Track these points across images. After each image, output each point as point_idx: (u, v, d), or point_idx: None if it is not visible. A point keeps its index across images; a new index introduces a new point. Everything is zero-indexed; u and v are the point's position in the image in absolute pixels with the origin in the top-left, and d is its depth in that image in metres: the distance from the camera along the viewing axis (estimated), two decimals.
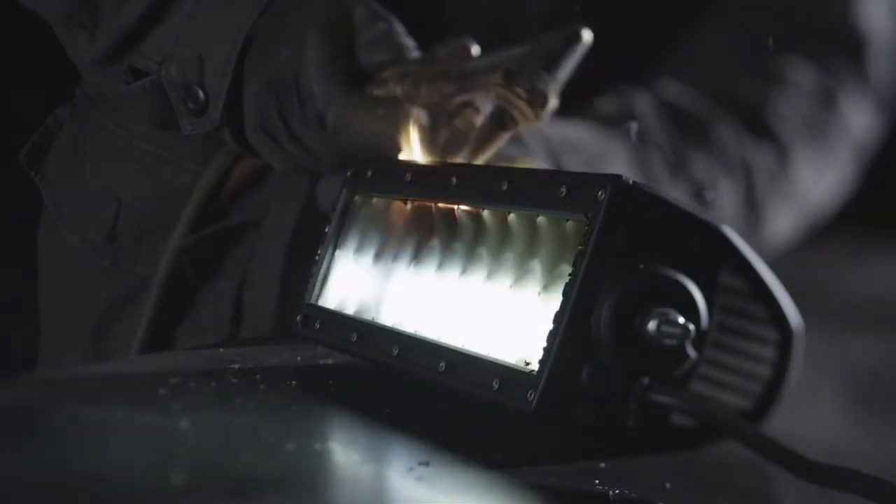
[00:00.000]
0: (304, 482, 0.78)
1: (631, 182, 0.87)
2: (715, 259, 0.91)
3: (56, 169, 1.40)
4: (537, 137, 1.23)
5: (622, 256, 0.87)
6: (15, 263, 1.48)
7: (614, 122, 1.36)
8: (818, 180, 1.47)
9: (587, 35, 1.09)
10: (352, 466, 0.84)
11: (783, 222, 1.45)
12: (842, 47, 1.48)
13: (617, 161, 1.32)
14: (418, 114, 1.06)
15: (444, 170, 1.03)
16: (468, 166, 1.05)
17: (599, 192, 0.87)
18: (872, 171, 1.54)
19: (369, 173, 1.08)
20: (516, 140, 1.16)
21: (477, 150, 1.07)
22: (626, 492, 0.82)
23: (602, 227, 0.86)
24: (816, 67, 1.46)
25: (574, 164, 1.25)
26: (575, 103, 1.23)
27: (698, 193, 1.37)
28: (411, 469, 0.81)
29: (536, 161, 1.18)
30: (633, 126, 1.32)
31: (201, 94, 1.16)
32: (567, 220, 0.91)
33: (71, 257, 1.38)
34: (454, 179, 1.00)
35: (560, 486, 0.82)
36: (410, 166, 1.05)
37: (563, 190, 0.90)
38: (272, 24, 1.14)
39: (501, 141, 1.08)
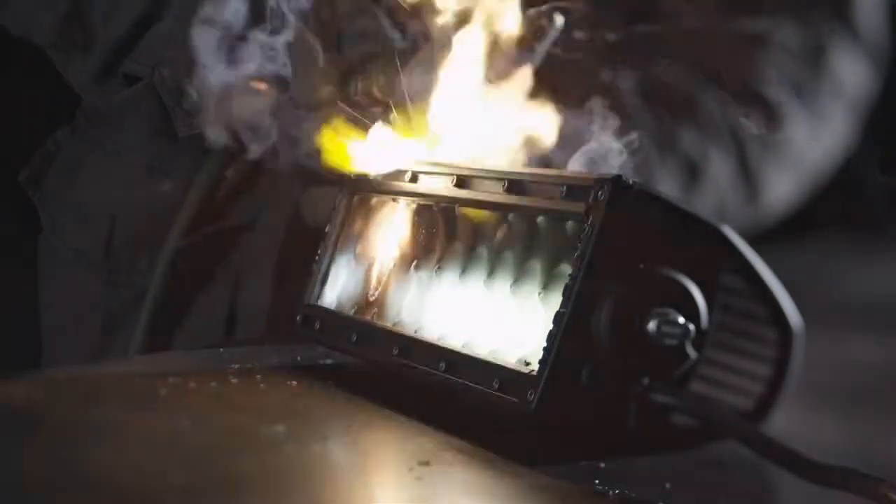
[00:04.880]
0: (304, 482, 0.79)
1: (631, 182, 0.87)
2: (715, 259, 0.91)
3: (53, 188, 1.41)
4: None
5: (622, 256, 0.87)
6: (18, 274, 1.49)
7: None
8: (814, 141, 1.45)
9: (559, 19, 1.10)
10: (352, 466, 0.84)
11: (781, 187, 1.44)
12: (827, 2, 1.46)
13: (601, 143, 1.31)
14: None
15: (444, 169, 1.03)
16: (469, 166, 1.05)
17: (599, 192, 0.87)
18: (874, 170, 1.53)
19: (370, 173, 1.08)
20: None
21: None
22: (626, 492, 0.82)
23: (602, 227, 0.86)
24: (802, 26, 1.44)
25: (556, 149, 1.25)
26: (558, 81, 1.23)
27: (689, 167, 1.36)
28: (411, 469, 0.81)
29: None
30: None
31: (194, 93, 1.17)
32: (567, 220, 0.91)
33: (69, 272, 1.39)
34: (454, 178, 1.00)
35: (560, 486, 0.82)
36: (411, 166, 1.05)
37: (563, 190, 0.90)
38: None
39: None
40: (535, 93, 1.10)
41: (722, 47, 1.43)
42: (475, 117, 1.08)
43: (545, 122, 1.11)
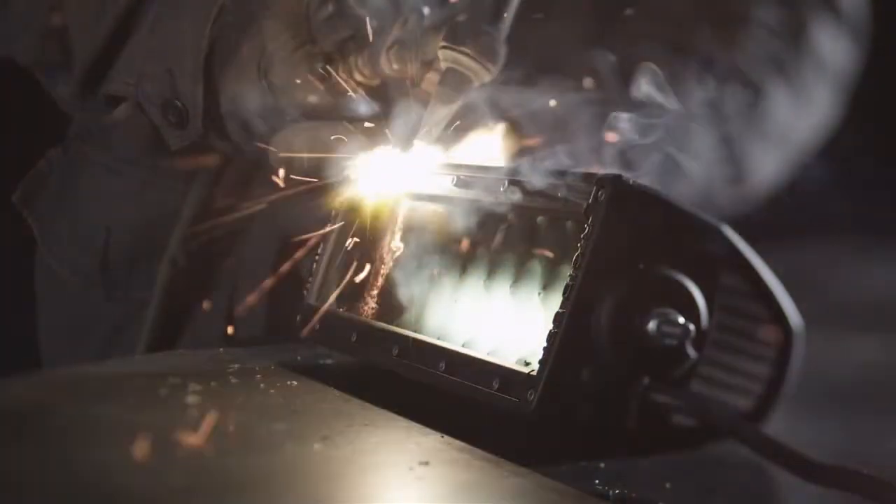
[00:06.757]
0: (304, 481, 0.79)
1: (631, 182, 0.87)
2: (715, 259, 0.90)
3: (47, 207, 1.41)
4: (493, 104, 1.22)
5: (622, 256, 0.87)
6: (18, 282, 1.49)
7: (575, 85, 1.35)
8: (798, 117, 1.44)
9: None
10: (352, 466, 0.84)
11: (766, 163, 1.43)
12: None
13: (580, 125, 1.31)
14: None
15: (444, 169, 1.03)
16: (468, 166, 1.05)
17: (599, 192, 0.87)
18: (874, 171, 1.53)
19: (370, 173, 1.08)
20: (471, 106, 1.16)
21: (440, 113, 1.07)
22: (626, 492, 0.82)
23: (602, 227, 0.86)
24: (783, 2, 1.44)
25: (534, 130, 1.24)
26: (537, 65, 1.22)
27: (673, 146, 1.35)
28: (411, 469, 0.81)
29: (494, 128, 1.17)
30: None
31: (179, 105, 1.17)
32: (567, 220, 0.91)
33: (67, 291, 1.39)
34: (454, 179, 1.00)
35: (560, 486, 0.82)
36: (413, 166, 1.05)
37: (563, 190, 0.90)
38: (230, 24, 1.16)
39: (458, 102, 1.08)
40: (518, 78, 1.10)
41: (703, 25, 1.42)
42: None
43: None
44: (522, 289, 0.93)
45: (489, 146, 1.11)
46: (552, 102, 1.22)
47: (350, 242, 1.08)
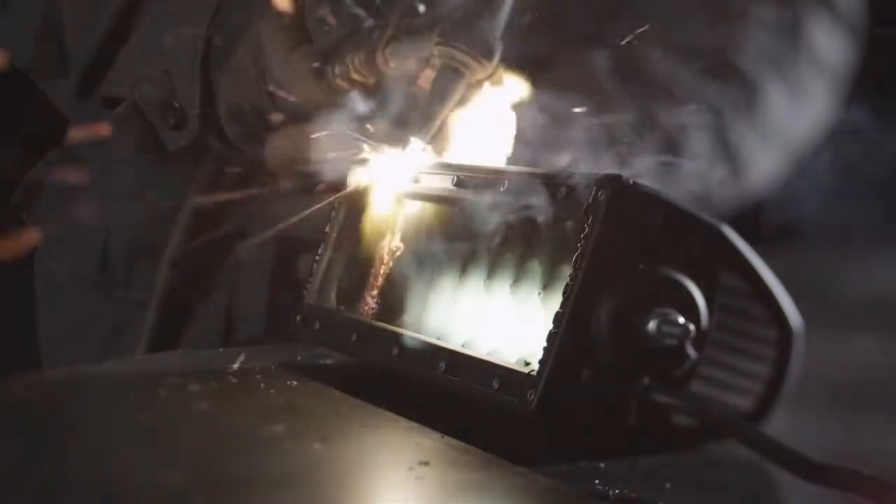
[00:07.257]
0: (304, 481, 0.78)
1: (631, 182, 0.87)
2: (715, 259, 0.90)
3: (46, 208, 1.41)
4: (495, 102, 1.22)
5: (622, 256, 0.87)
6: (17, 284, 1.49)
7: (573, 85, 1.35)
8: (795, 115, 1.44)
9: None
10: (352, 466, 0.84)
11: (764, 161, 1.43)
12: None
13: (577, 126, 1.31)
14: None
15: (444, 169, 1.03)
16: (469, 167, 1.05)
17: (599, 192, 0.87)
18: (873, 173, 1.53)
19: (370, 173, 1.08)
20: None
21: (435, 111, 1.06)
22: (626, 492, 0.82)
23: (602, 227, 0.86)
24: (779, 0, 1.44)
25: (530, 131, 1.24)
26: (536, 64, 1.22)
27: (668, 145, 1.35)
28: (411, 469, 0.81)
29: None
30: None
31: (176, 106, 1.17)
32: (567, 220, 0.91)
33: (66, 293, 1.40)
34: (454, 179, 1.00)
35: (560, 486, 0.82)
36: (413, 166, 1.05)
37: (563, 190, 0.90)
38: (227, 24, 1.16)
39: (457, 96, 1.07)
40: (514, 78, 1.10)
41: (699, 22, 1.42)
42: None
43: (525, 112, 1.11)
44: (522, 289, 0.93)
45: (488, 144, 1.11)
46: (551, 102, 1.22)
47: (350, 242, 1.08)
